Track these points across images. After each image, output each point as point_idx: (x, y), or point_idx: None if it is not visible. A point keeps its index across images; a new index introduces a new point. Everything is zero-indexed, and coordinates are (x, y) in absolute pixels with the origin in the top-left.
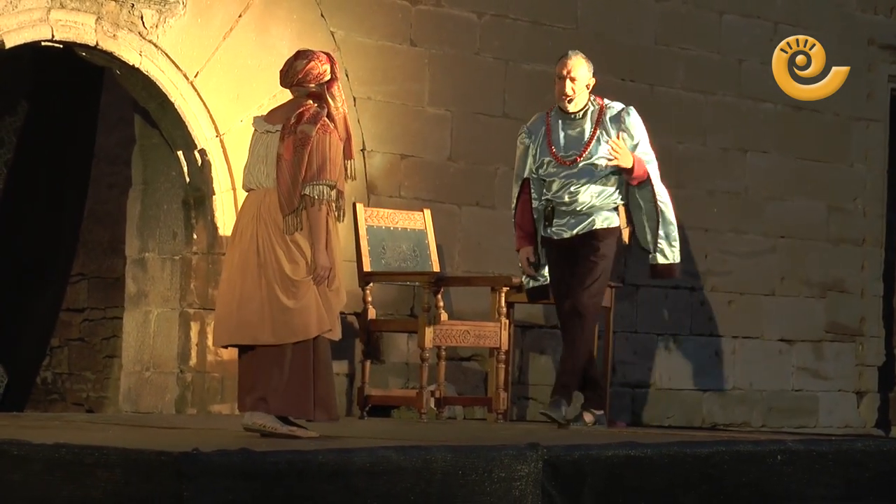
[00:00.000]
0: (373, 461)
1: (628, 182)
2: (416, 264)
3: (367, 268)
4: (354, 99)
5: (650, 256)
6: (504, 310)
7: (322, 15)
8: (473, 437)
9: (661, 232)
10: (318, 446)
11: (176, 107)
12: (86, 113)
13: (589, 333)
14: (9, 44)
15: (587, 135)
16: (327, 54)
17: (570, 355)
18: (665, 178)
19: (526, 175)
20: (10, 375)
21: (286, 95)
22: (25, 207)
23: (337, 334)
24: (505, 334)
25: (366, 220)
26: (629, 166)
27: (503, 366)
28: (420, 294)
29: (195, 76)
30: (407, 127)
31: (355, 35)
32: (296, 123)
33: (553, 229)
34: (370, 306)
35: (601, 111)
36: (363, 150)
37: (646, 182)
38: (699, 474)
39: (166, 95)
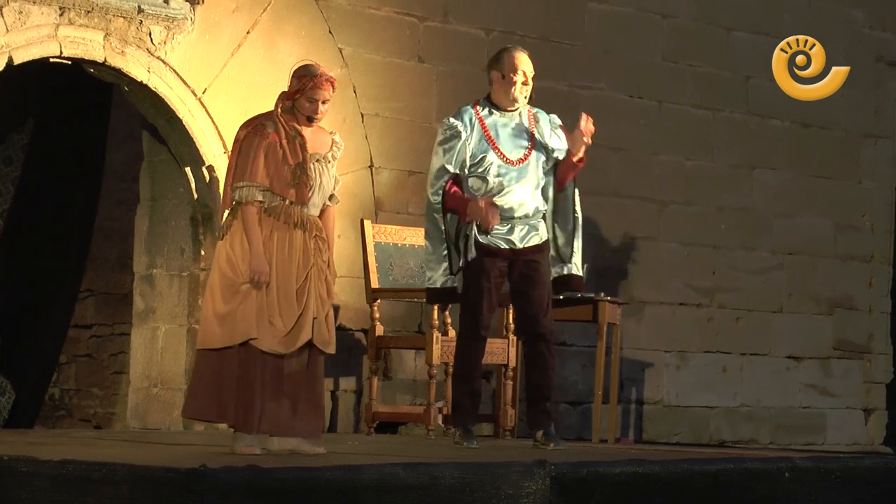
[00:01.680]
0: (380, 478)
1: (556, 183)
2: (423, 281)
3: (374, 284)
4: (362, 115)
5: (565, 267)
6: (512, 326)
7: (330, 31)
8: (481, 454)
9: (576, 243)
10: (325, 463)
11: (184, 123)
12: (94, 129)
13: (555, 355)
14: (17, 60)
15: (527, 135)
16: (324, 78)
17: (545, 382)
18: (673, 194)
19: (457, 170)
20: (18, 392)
21: None
22: (34, 223)
23: (283, 345)
24: (513, 351)
25: (373, 236)
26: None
27: (511, 382)
28: (428, 310)
29: (203, 92)
30: (414, 143)
31: (363, 51)
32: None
33: (490, 237)
34: (378, 323)
35: (530, 108)
36: (371, 166)
37: (572, 183)
38: (707, 491)
39: (174, 112)
